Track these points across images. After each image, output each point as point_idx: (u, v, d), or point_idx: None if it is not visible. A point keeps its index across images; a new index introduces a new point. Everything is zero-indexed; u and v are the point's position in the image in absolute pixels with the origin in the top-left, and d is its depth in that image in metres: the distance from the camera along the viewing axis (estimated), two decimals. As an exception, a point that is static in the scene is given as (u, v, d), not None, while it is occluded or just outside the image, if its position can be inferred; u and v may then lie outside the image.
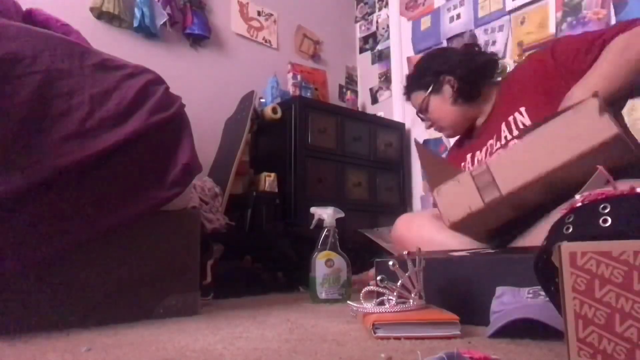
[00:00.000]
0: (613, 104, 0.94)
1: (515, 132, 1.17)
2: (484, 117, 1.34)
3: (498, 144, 1.21)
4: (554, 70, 1.12)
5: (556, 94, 1.08)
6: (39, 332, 0.84)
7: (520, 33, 2.15)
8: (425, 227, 1.22)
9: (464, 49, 1.40)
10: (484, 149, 1.27)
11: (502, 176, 0.87)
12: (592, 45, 1.04)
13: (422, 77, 1.40)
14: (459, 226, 0.96)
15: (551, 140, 0.83)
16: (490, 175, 0.89)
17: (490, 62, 1.35)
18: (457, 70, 1.32)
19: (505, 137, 1.19)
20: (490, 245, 1.03)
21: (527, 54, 1.39)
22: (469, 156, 1.32)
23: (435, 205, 1.01)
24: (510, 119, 1.19)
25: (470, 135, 1.41)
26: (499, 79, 1.38)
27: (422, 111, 1.42)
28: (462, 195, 0.92)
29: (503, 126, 1.21)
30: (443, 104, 1.36)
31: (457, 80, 1.32)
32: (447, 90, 1.34)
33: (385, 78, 2.86)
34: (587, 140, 0.79)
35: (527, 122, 1.14)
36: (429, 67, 1.39)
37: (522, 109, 1.16)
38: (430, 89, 1.37)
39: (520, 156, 0.87)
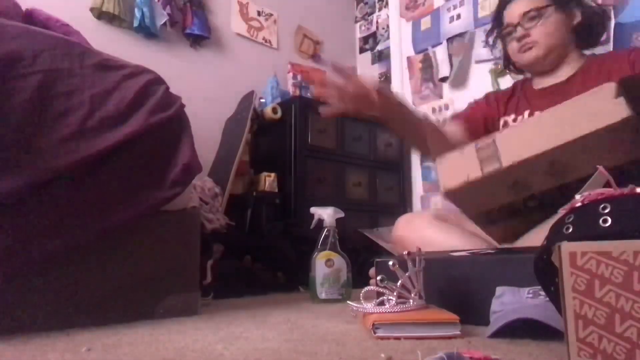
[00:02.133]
0: None
1: None
2: (560, 79, 1.26)
3: None
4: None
5: None
6: (39, 332, 0.84)
7: (520, 33, 2.14)
8: (426, 227, 1.22)
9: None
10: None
11: (506, 150, 0.86)
12: None
13: None
14: (454, 195, 0.94)
15: (562, 119, 0.82)
16: (494, 148, 0.88)
17: (604, 27, 1.27)
18: (590, 7, 1.24)
19: None
20: (489, 246, 1.03)
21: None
22: (527, 112, 1.27)
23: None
24: None
25: (530, 90, 1.33)
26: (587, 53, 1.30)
27: (530, 18, 1.24)
28: (462, 165, 0.91)
29: None
30: (561, 24, 1.23)
31: (584, 16, 1.24)
32: (575, 16, 1.24)
33: (385, 78, 2.86)
34: (596, 121, 0.77)
35: None
36: None
37: None
38: (559, 3, 1.24)
39: (529, 132, 0.86)
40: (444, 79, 2.46)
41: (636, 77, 0.92)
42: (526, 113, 1.27)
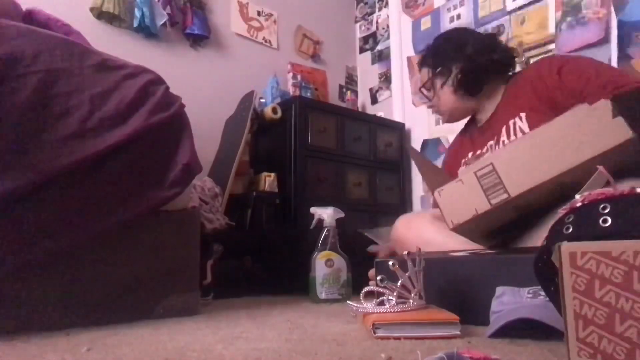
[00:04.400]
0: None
1: (513, 138, 1.17)
2: (488, 114, 1.33)
3: (497, 148, 1.21)
4: (557, 85, 1.12)
5: (555, 106, 1.09)
6: (39, 332, 0.84)
7: (520, 33, 2.15)
8: (425, 227, 1.22)
9: (483, 39, 1.35)
10: (484, 149, 1.26)
11: (510, 177, 0.85)
12: (602, 86, 1.02)
13: (433, 56, 1.38)
14: (463, 228, 0.93)
15: (561, 141, 0.82)
16: (496, 176, 0.87)
17: (503, 60, 1.31)
18: (466, 61, 1.30)
19: (503, 142, 1.20)
20: (489, 246, 1.03)
21: (537, 58, 1.35)
22: (470, 154, 1.32)
23: (435, 205, 1.00)
24: (511, 123, 1.19)
25: (473, 129, 1.40)
26: (511, 73, 1.35)
27: (426, 89, 1.42)
28: (466, 196, 0.89)
29: (504, 130, 1.21)
30: (445, 89, 1.35)
31: (462, 72, 1.30)
32: (452, 77, 1.32)
33: (385, 78, 2.86)
34: (600, 143, 0.78)
35: (526, 128, 1.14)
36: (443, 49, 1.36)
37: (522, 115, 1.16)
38: (437, 71, 1.35)
39: (529, 156, 0.85)
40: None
41: (627, 93, 0.93)
42: (470, 153, 1.32)
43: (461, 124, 1.51)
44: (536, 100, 1.15)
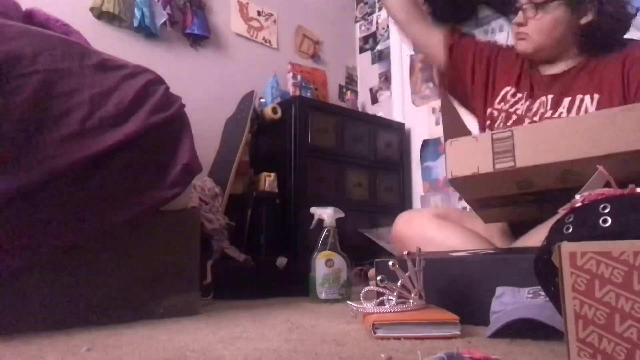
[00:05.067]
0: None
1: (573, 114, 1.08)
2: (558, 70, 1.18)
3: (549, 114, 1.12)
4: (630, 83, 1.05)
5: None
6: (39, 332, 0.84)
7: (520, 33, 2.14)
8: (425, 225, 1.22)
9: None
10: (533, 108, 1.16)
11: (523, 149, 0.84)
12: None
13: None
14: (460, 183, 0.92)
15: (586, 131, 0.80)
16: (511, 143, 0.85)
17: (627, 23, 1.14)
18: (608, 9, 1.10)
19: (560, 114, 1.10)
20: (489, 245, 1.03)
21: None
22: (525, 94, 1.20)
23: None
24: (578, 98, 1.09)
25: (535, 70, 1.23)
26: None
27: (532, 6, 1.14)
28: (475, 153, 0.88)
29: (567, 102, 1.11)
30: (563, 23, 1.13)
31: (600, 20, 1.11)
32: (585, 17, 1.12)
33: (385, 78, 2.86)
34: (623, 143, 0.76)
35: (591, 111, 1.06)
36: None
37: (596, 96, 1.07)
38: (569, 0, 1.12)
39: (550, 136, 0.83)
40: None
41: None
42: (525, 94, 1.19)
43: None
44: (619, 85, 1.06)
